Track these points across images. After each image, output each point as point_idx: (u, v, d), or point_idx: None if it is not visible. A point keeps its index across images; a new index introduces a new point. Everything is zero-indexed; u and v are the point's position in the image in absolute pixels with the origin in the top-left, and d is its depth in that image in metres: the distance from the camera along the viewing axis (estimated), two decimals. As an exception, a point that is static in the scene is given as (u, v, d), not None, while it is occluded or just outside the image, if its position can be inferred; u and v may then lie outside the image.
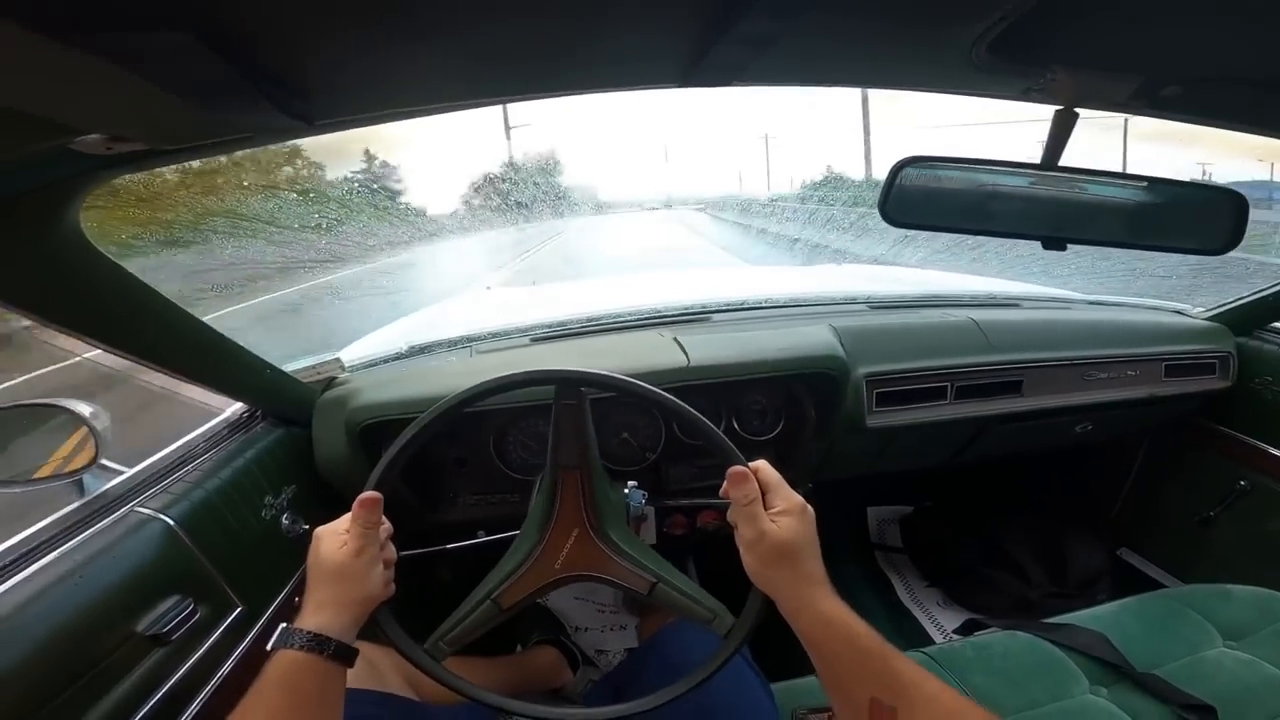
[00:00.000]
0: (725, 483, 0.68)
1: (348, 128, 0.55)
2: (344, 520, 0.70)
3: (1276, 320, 1.47)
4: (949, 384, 1.33)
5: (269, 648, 0.62)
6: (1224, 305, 1.53)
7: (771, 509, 0.66)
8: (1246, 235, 0.78)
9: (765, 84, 0.60)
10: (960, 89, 0.64)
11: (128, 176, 0.60)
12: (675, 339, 1.26)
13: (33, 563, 0.73)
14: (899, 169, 0.73)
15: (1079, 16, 0.51)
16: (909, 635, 1.65)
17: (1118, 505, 1.83)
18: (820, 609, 0.62)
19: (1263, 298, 1.44)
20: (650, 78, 0.57)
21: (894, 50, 0.54)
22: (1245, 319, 1.49)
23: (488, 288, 2.23)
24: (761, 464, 0.69)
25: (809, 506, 0.67)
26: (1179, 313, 1.61)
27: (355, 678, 0.85)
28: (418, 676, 0.82)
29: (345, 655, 0.65)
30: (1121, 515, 1.82)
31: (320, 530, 0.70)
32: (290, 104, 0.44)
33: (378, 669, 0.94)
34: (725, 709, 0.86)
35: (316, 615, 0.65)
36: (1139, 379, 1.43)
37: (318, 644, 0.62)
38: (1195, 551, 1.63)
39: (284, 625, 0.64)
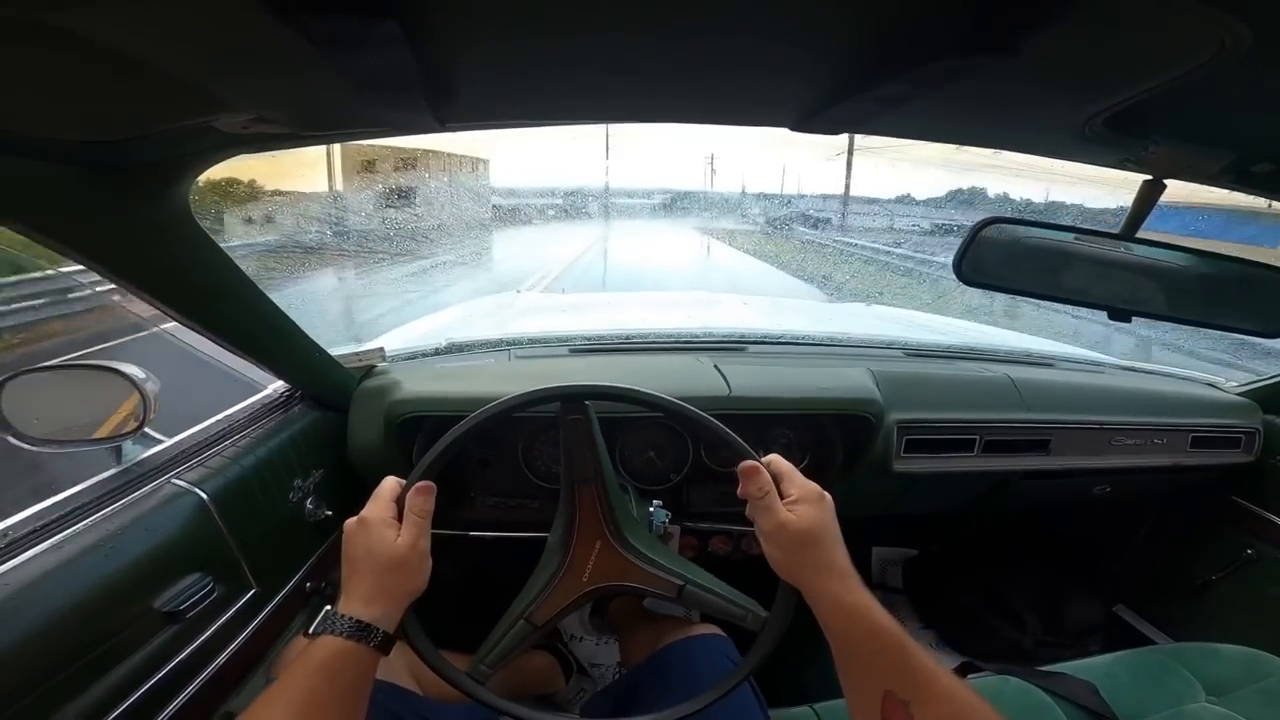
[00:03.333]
0: (740, 481, 0.68)
1: (473, 129, 0.56)
2: (385, 508, 0.68)
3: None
4: (978, 436, 1.34)
5: (310, 632, 0.61)
6: (1257, 382, 1.54)
7: (787, 498, 0.66)
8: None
9: (874, 134, 0.61)
10: (1062, 154, 0.65)
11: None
12: (716, 366, 1.26)
13: (64, 529, 0.72)
14: (980, 228, 0.75)
15: (1194, 97, 0.52)
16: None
17: (1121, 563, 1.84)
18: (843, 599, 0.61)
19: (1297, 377, 1.45)
20: (766, 118, 0.58)
21: (1017, 116, 0.56)
22: (1276, 397, 1.51)
23: (518, 291, 2.24)
24: (773, 456, 0.70)
25: (826, 494, 0.67)
26: (1212, 385, 1.63)
27: None
28: (422, 670, 0.82)
29: (387, 646, 0.64)
30: (1123, 572, 1.83)
31: (367, 519, 0.68)
32: (438, 102, 0.45)
33: (386, 660, 0.94)
34: None
35: (369, 607, 0.63)
36: (1165, 447, 1.44)
37: (364, 633, 0.61)
38: (1192, 612, 1.64)
39: (329, 610, 0.63)
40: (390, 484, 0.71)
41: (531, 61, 0.44)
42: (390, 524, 0.67)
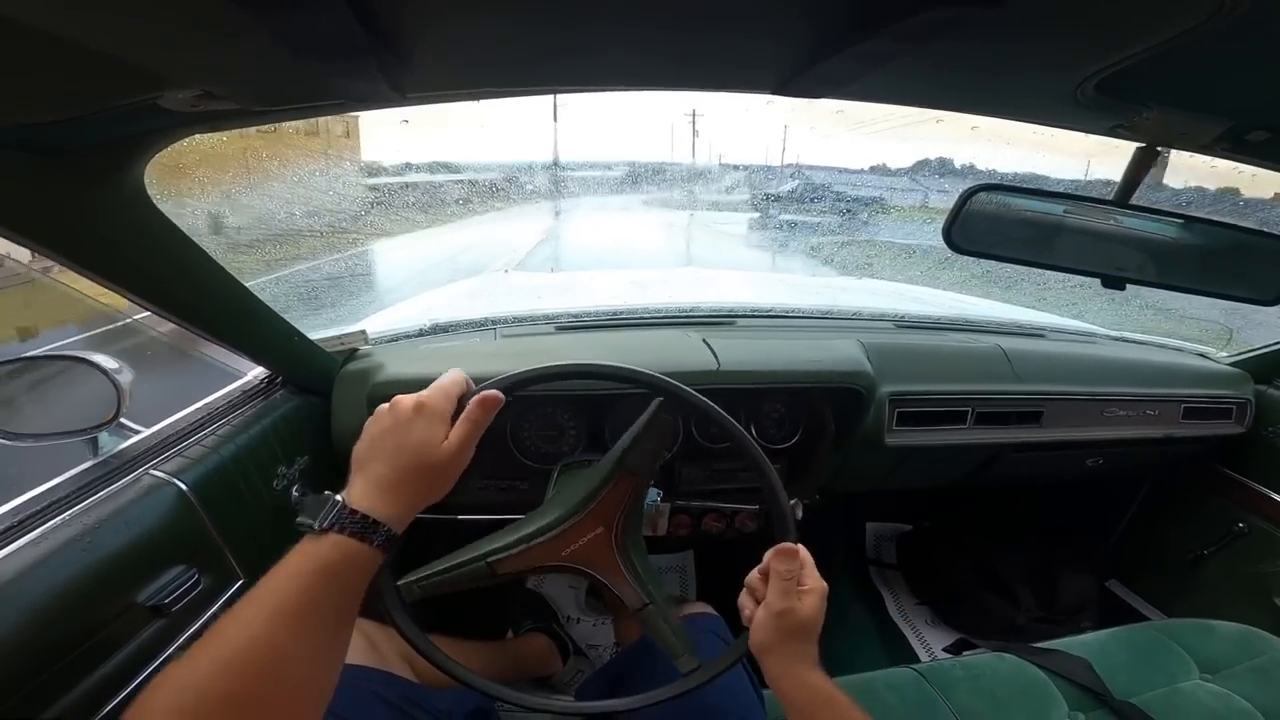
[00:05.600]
0: (770, 554, 0.70)
1: (436, 101, 0.53)
2: (445, 401, 0.62)
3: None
4: (970, 409, 1.33)
5: (318, 525, 0.54)
6: (1248, 352, 1.54)
7: (802, 586, 0.69)
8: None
9: (860, 99, 0.59)
10: (1053, 121, 0.63)
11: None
12: (704, 340, 1.25)
13: (42, 523, 0.70)
14: (969, 195, 0.73)
15: (1190, 61, 0.50)
16: (896, 651, 1.67)
17: (1113, 537, 1.85)
18: (810, 682, 0.66)
19: (1288, 348, 1.45)
20: (746, 82, 0.56)
21: (1005, 81, 0.53)
22: (1267, 367, 1.51)
23: (505, 271, 2.20)
24: (800, 547, 0.71)
25: (827, 590, 0.70)
26: (1203, 355, 1.62)
27: (355, 654, 0.84)
28: (415, 658, 0.81)
29: (389, 547, 0.57)
30: (1115, 547, 1.84)
31: (425, 404, 0.60)
32: (394, 72, 0.43)
33: (378, 648, 0.93)
34: (715, 711, 0.87)
35: (386, 502, 0.56)
36: (1157, 418, 1.44)
37: (371, 531, 0.54)
38: (1183, 587, 1.65)
39: (334, 499, 0.55)
40: (457, 377, 0.65)
41: (495, 27, 0.41)
42: (440, 424, 0.61)
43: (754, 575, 0.72)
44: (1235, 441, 1.50)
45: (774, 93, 0.54)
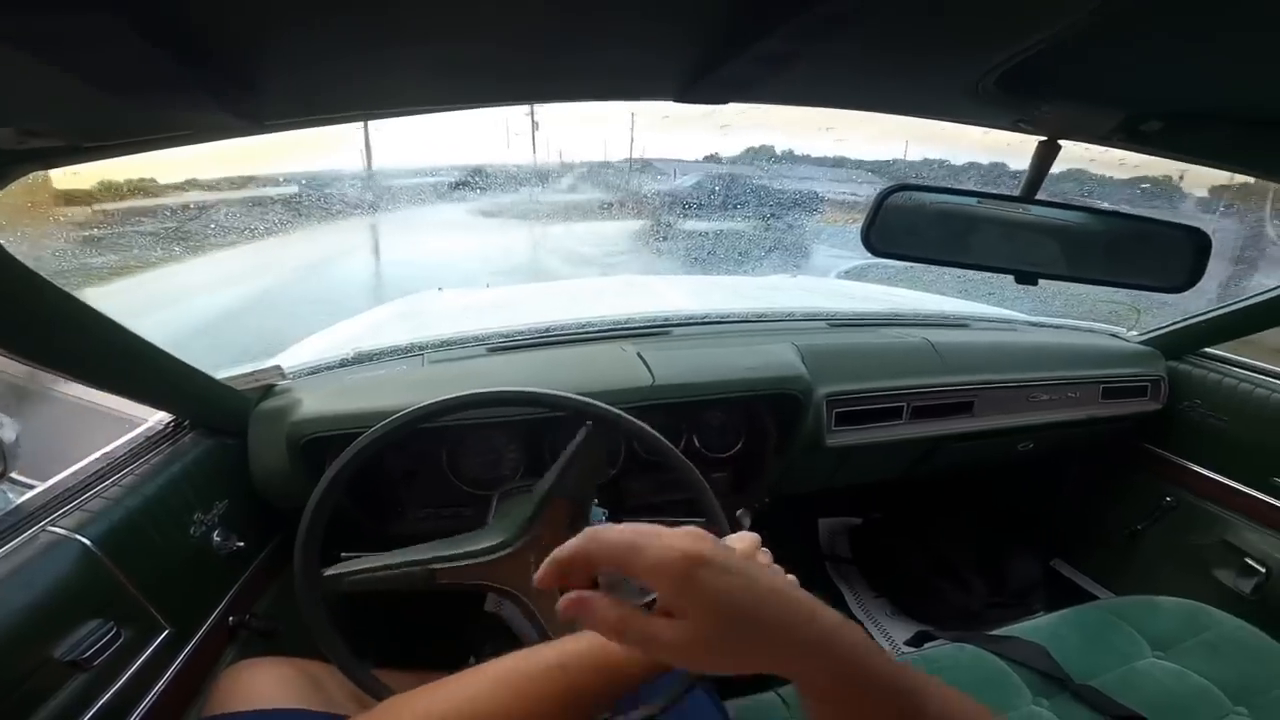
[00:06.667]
0: None
1: (302, 128, 0.49)
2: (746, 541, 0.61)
3: (1205, 345, 1.56)
4: (905, 404, 1.35)
5: None
6: (1157, 330, 1.61)
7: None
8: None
9: (763, 102, 0.58)
10: (954, 116, 0.63)
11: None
12: (639, 354, 1.22)
13: None
14: (885, 195, 0.72)
15: (1083, 53, 0.50)
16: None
17: (1053, 518, 1.91)
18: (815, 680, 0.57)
19: (1193, 324, 1.52)
20: (645, 90, 0.53)
21: (907, 77, 0.53)
22: (1177, 343, 1.57)
23: (439, 289, 2.13)
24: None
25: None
26: (1114, 335, 1.69)
27: (300, 697, 0.80)
28: (366, 697, 0.77)
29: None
30: (1056, 528, 1.90)
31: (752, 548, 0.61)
32: (237, 101, 0.38)
33: (324, 688, 0.88)
34: None
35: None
36: (1079, 401, 1.49)
37: None
38: (1124, 563, 1.71)
39: None
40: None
41: (353, 44, 0.38)
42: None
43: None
44: (1154, 418, 1.56)
45: (676, 100, 0.52)
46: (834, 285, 2.39)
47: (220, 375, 1.06)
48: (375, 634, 1.38)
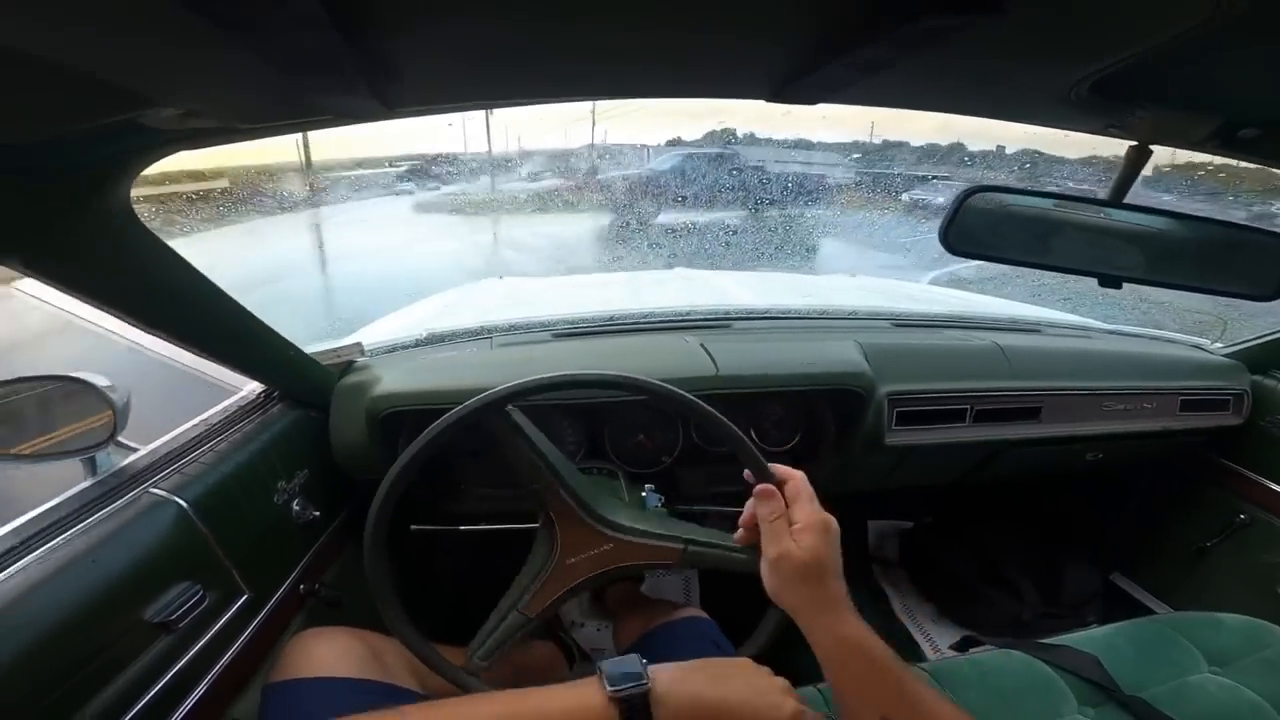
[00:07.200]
0: (749, 501, 0.69)
1: (425, 114, 0.53)
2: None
3: (1293, 360, 1.48)
4: (969, 406, 1.33)
5: None
6: (1242, 343, 1.53)
7: (793, 524, 0.65)
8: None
9: (852, 103, 0.58)
10: (1046, 121, 0.63)
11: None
12: (702, 345, 1.24)
13: (44, 543, 0.70)
14: (965, 196, 0.72)
15: (1184, 62, 0.50)
16: (902, 649, 1.64)
17: (1115, 530, 1.84)
18: (839, 631, 0.61)
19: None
20: (740, 89, 0.55)
21: (999, 84, 0.53)
22: (1262, 357, 1.50)
23: (500, 277, 2.19)
24: (794, 476, 0.69)
25: (832, 523, 0.66)
26: (1198, 347, 1.62)
27: (360, 667, 0.84)
28: (422, 669, 0.82)
29: None
30: (1118, 540, 1.84)
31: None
32: (382, 88, 0.42)
33: (383, 659, 0.92)
34: None
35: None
36: (1154, 412, 1.43)
37: None
38: (1187, 580, 1.65)
39: None
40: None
41: (481, 41, 0.41)
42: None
43: (741, 532, 0.72)
44: (1233, 432, 1.50)
45: (769, 99, 0.54)
46: (897, 286, 2.34)
47: (307, 350, 1.11)
48: (437, 612, 1.45)
